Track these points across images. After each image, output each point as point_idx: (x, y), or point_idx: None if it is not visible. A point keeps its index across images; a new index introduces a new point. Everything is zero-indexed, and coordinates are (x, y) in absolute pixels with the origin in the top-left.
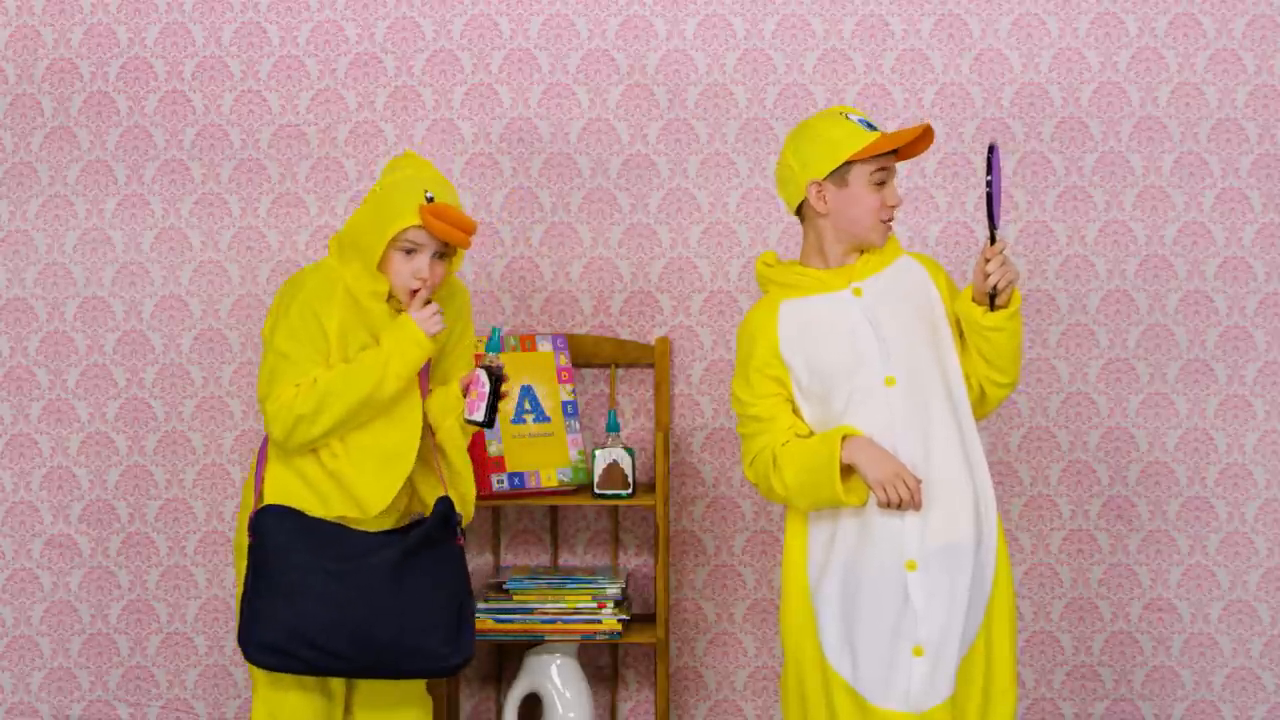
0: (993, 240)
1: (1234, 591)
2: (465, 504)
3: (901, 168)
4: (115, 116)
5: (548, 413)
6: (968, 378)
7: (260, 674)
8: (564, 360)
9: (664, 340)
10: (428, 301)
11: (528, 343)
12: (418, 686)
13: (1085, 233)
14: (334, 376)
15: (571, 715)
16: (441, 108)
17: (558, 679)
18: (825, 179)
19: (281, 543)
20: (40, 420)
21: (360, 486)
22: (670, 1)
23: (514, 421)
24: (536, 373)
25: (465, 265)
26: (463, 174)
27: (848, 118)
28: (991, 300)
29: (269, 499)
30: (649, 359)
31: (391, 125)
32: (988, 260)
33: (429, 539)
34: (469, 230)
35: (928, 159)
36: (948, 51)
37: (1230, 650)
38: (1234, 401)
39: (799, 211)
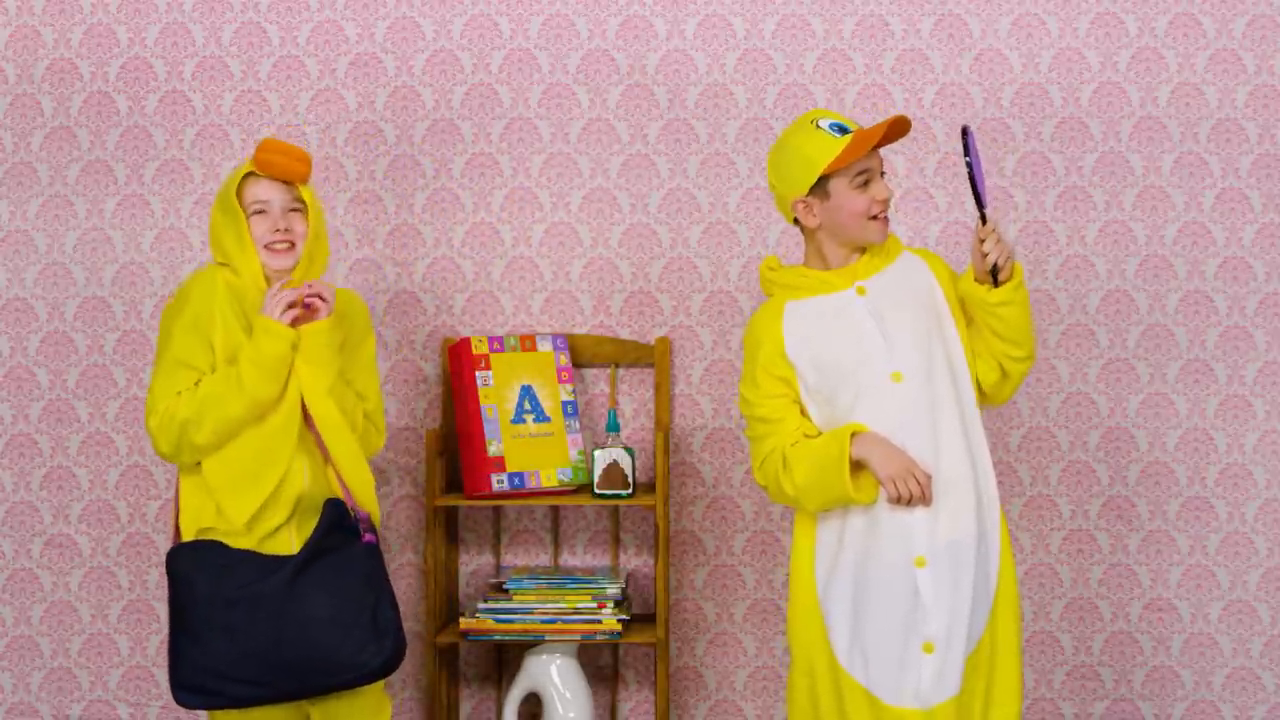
0: (983, 220)
1: (1234, 591)
2: (365, 497)
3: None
4: (115, 116)
5: (548, 413)
6: (985, 360)
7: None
8: (564, 360)
9: (664, 340)
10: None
11: (528, 343)
12: (370, 693)
13: (1085, 233)
14: (212, 379)
15: (571, 715)
16: (441, 108)
17: (558, 679)
18: (809, 194)
19: (188, 579)
20: (40, 420)
21: (224, 496)
22: (670, 1)
23: (514, 421)
24: (536, 373)
25: (465, 264)
26: (463, 174)
27: (818, 126)
28: (994, 278)
29: (185, 523)
30: (649, 359)
31: (391, 125)
32: (983, 240)
33: (320, 550)
34: (299, 158)
35: (927, 159)
36: (948, 51)
37: (1230, 650)
38: (1234, 401)
39: (798, 222)
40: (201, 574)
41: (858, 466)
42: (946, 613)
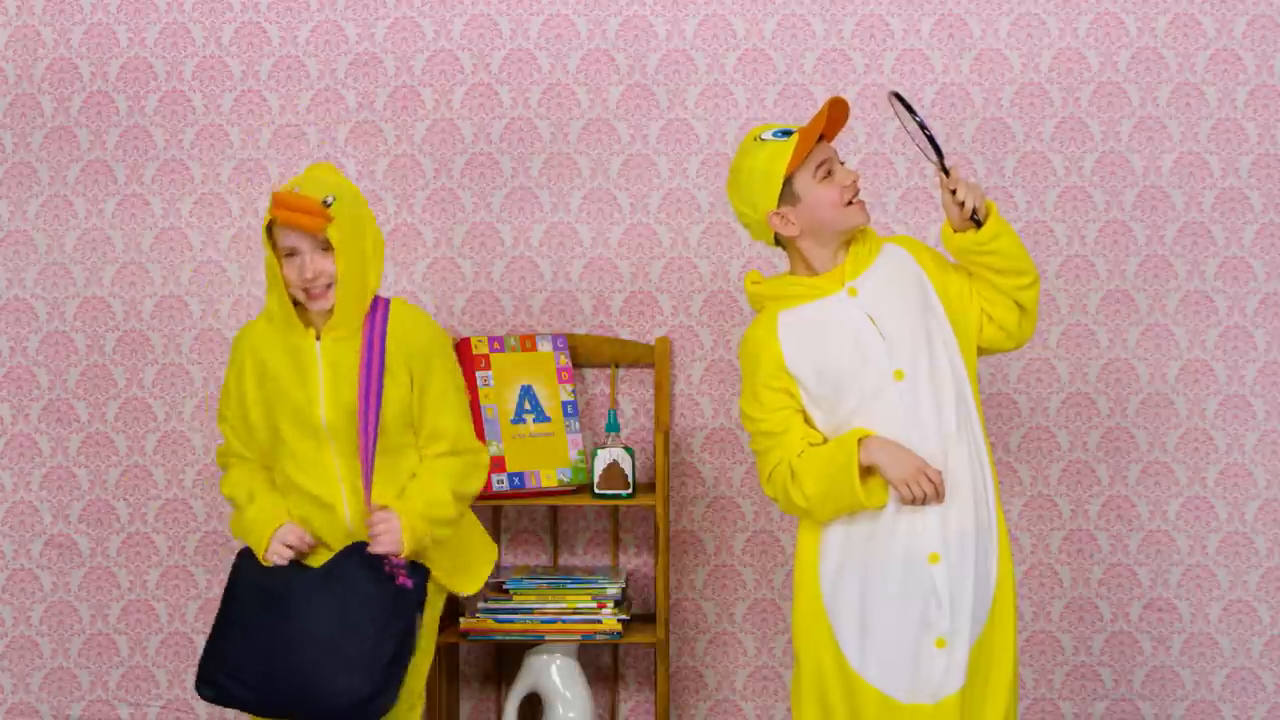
0: (946, 172)
1: (1234, 591)
2: (413, 536)
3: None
4: (115, 116)
5: (548, 413)
6: (999, 306)
7: None
8: (564, 360)
9: (664, 340)
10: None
11: (528, 343)
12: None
13: (1085, 233)
14: (243, 506)
15: (571, 715)
16: (441, 108)
17: (558, 679)
18: (779, 206)
19: (238, 577)
20: (40, 420)
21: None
22: (670, 1)
23: (514, 421)
24: (536, 373)
25: (465, 264)
26: (463, 174)
27: (762, 139)
28: (975, 222)
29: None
30: (649, 359)
31: (391, 125)
32: (953, 191)
33: (332, 576)
34: (307, 211)
35: (926, 160)
36: (948, 51)
37: (1230, 650)
38: (1234, 401)
39: (778, 242)
40: (249, 573)
41: (867, 472)
42: (956, 606)
